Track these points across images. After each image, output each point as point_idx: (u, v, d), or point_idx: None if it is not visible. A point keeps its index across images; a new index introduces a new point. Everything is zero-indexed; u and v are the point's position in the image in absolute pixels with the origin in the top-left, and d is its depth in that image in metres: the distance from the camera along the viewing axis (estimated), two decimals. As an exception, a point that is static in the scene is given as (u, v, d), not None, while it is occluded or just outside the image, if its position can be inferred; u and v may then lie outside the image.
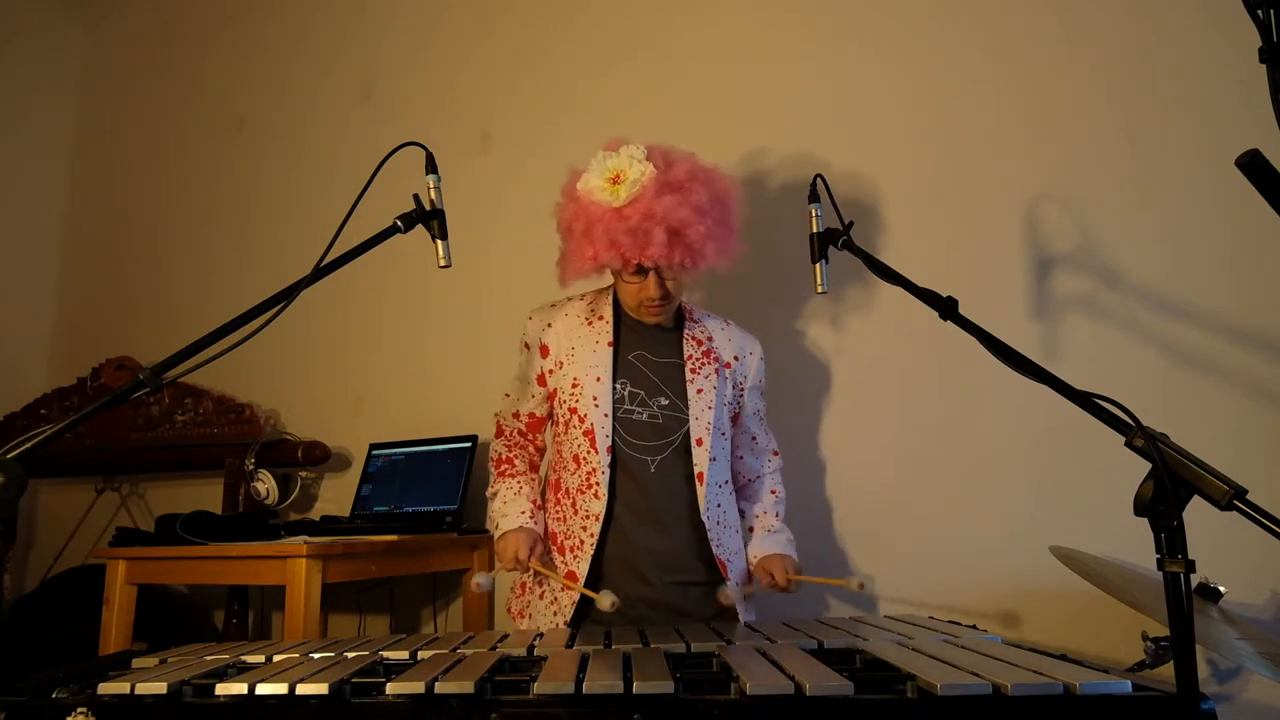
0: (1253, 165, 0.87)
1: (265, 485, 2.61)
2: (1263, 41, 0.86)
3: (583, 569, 1.57)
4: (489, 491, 1.73)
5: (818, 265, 1.52)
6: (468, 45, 2.76)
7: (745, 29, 2.32)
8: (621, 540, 1.58)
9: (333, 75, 3.01)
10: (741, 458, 1.77)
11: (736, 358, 1.71)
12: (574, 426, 1.62)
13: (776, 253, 2.16)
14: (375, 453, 2.56)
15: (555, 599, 1.61)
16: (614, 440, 1.59)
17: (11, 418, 3.18)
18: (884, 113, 2.12)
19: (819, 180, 1.55)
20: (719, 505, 1.64)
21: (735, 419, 1.73)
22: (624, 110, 2.44)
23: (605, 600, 1.39)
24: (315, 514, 2.75)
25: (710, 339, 1.70)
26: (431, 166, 1.42)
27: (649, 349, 1.66)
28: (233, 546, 2.08)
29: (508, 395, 1.78)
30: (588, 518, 1.58)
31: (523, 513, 1.63)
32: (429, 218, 1.39)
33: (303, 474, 2.79)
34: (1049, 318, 1.88)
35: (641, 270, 1.55)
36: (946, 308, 1.26)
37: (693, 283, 1.65)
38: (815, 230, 1.53)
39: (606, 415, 1.59)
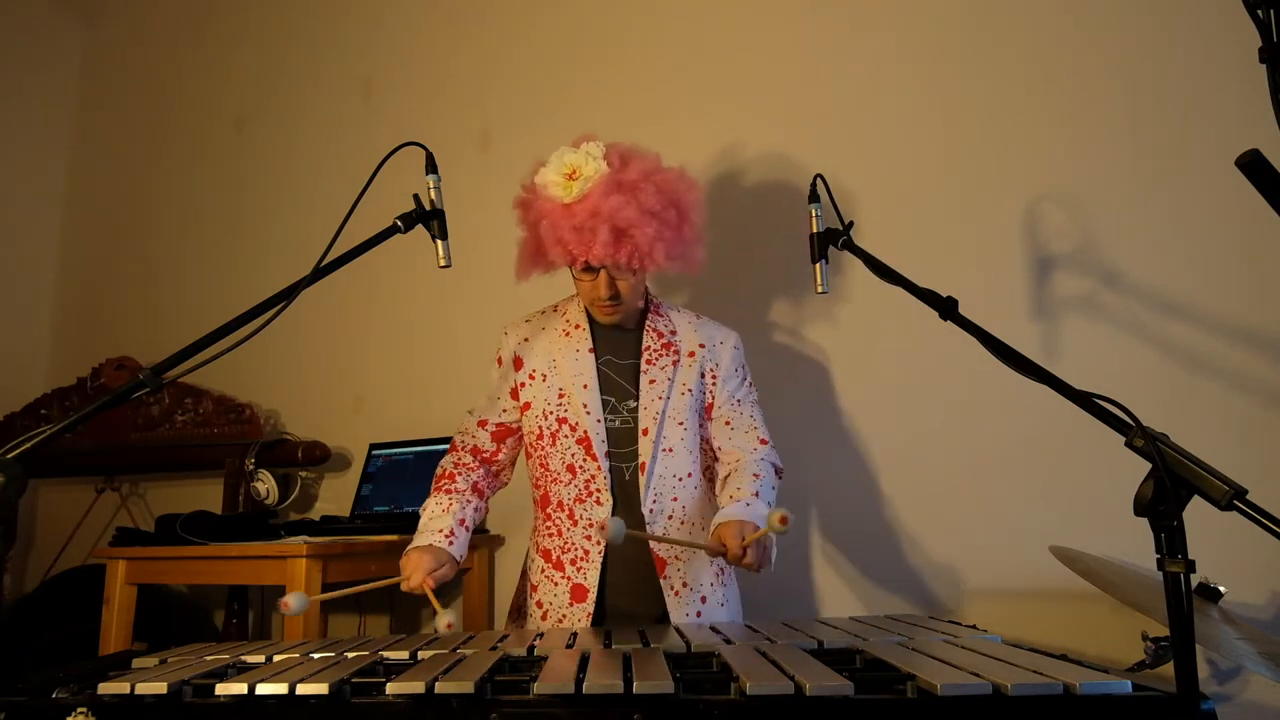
0: (1253, 165, 0.87)
1: (265, 485, 2.61)
2: (1263, 41, 0.86)
3: (593, 579, 1.54)
4: (421, 506, 1.63)
5: (817, 265, 1.52)
6: (467, 44, 2.76)
7: (746, 26, 2.32)
8: (625, 546, 1.52)
9: (332, 75, 3.01)
10: (720, 447, 1.66)
11: (703, 345, 1.65)
12: (564, 436, 1.58)
13: (775, 253, 2.16)
14: (375, 453, 2.56)
15: (563, 617, 1.56)
16: (607, 446, 1.57)
17: (11, 418, 3.18)
18: (884, 112, 2.12)
19: (819, 180, 1.55)
20: (675, 500, 1.58)
21: (709, 409, 1.65)
22: (624, 108, 2.43)
23: (443, 620, 1.27)
24: (315, 514, 2.75)
25: (674, 332, 1.65)
26: (431, 166, 1.42)
27: (615, 353, 1.63)
28: (233, 546, 2.08)
29: (471, 412, 1.72)
30: (591, 526, 1.55)
31: (439, 531, 1.53)
32: (429, 218, 1.39)
33: (303, 474, 2.79)
34: (1049, 318, 1.88)
35: (591, 268, 1.52)
36: (946, 308, 1.26)
37: (642, 284, 1.60)
38: (815, 230, 1.53)
39: (599, 421, 1.56)
